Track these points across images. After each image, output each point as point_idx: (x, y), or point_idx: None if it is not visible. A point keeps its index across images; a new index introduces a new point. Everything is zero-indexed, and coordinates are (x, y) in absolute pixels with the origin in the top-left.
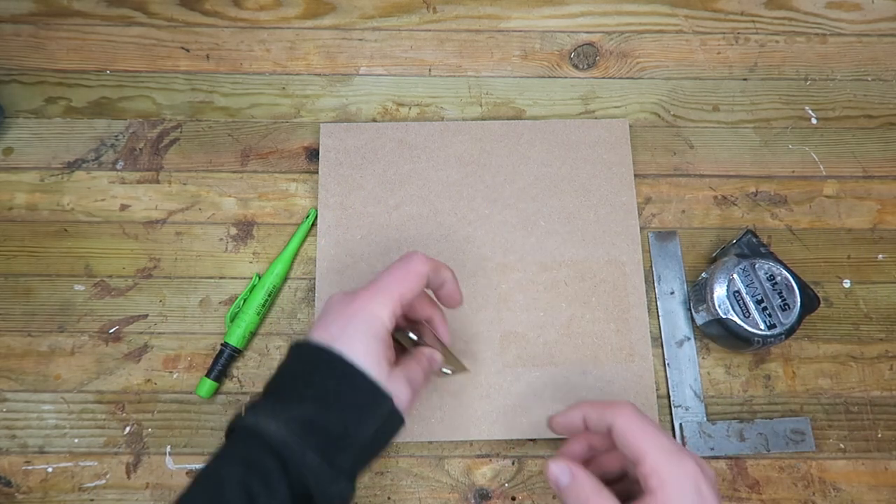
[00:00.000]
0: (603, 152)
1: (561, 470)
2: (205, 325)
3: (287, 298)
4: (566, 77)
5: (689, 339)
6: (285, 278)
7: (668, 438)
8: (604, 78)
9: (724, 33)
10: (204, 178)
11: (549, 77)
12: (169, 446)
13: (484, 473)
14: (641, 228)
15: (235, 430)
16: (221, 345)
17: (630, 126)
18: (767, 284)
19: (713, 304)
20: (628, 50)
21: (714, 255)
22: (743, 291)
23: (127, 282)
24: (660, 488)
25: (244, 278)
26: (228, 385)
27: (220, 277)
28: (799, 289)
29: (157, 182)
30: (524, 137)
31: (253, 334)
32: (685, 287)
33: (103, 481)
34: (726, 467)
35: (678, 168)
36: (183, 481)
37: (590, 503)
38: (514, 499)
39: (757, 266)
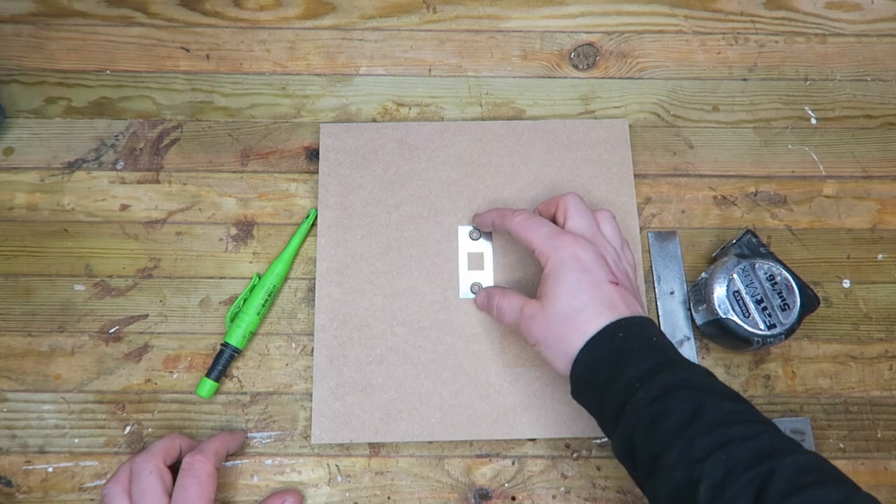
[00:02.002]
0: (603, 152)
1: (481, 296)
2: (205, 325)
3: (287, 298)
4: (566, 77)
5: (689, 339)
6: (285, 278)
7: (549, 227)
8: (604, 78)
9: (724, 33)
10: (204, 178)
11: (549, 77)
12: None
13: (484, 473)
14: (641, 228)
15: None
16: (221, 345)
17: (630, 126)
18: (767, 284)
19: (713, 304)
20: (628, 50)
21: (714, 255)
22: (743, 291)
23: (127, 282)
24: (546, 263)
25: (244, 278)
26: (228, 385)
27: (221, 277)
28: (799, 289)
29: (158, 182)
30: (524, 137)
31: (253, 334)
32: (685, 287)
33: (103, 481)
34: None
35: (678, 168)
36: None
37: (499, 303)
38: (514, 499)
39: (757, 266)
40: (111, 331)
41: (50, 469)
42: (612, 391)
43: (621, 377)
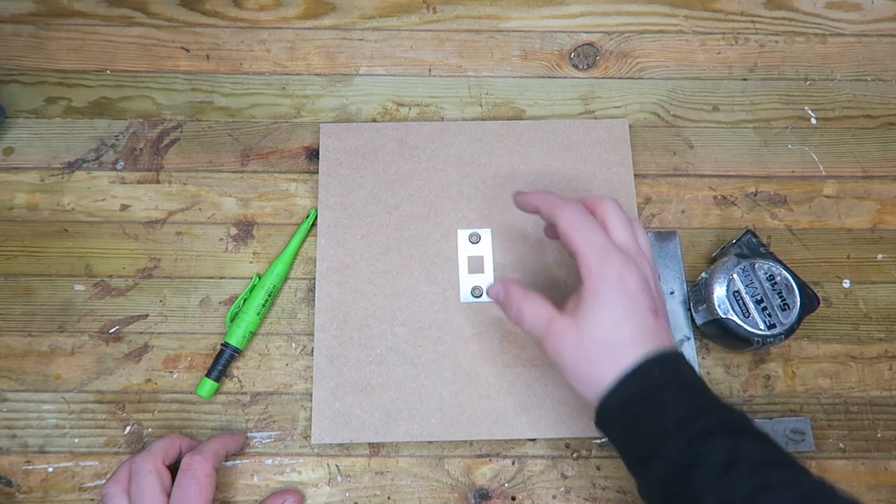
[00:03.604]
0: (603, 152)
1: (497, 289)
2: (205, 325)
3: (287, 298)
4: (566, 77)
5: (688, 338)
6: (285, 278)
7: (602, 236)
8: (604, 78)
9: (724, 33)
10: (204, 178)
11: (549, 77)
12: None
13: (484, 473)
14: None
15: None
16: (221, 345)
17: (630, 126)
18: (767, 284)
19: (713, 304)
20: (628, 50)
21: (714, 255)
22: (743, 291)
23: (127, 282)
24: (588, 278)
25: (244, 278)
26: (228, 385)
27: (220, 277)
28: (799, 289)
29: (158, 182)
30: (524, 137)
31: (253, 334)
32: (685, 287)
33: (103, 481)
34: None
35: (678, 168)
36: None
37: (520, 306)
38: (514, 499)
39: (757, 266)
40: (111, 331)
41: (50, 469)
42: (643, 431)
43: (654, 418)
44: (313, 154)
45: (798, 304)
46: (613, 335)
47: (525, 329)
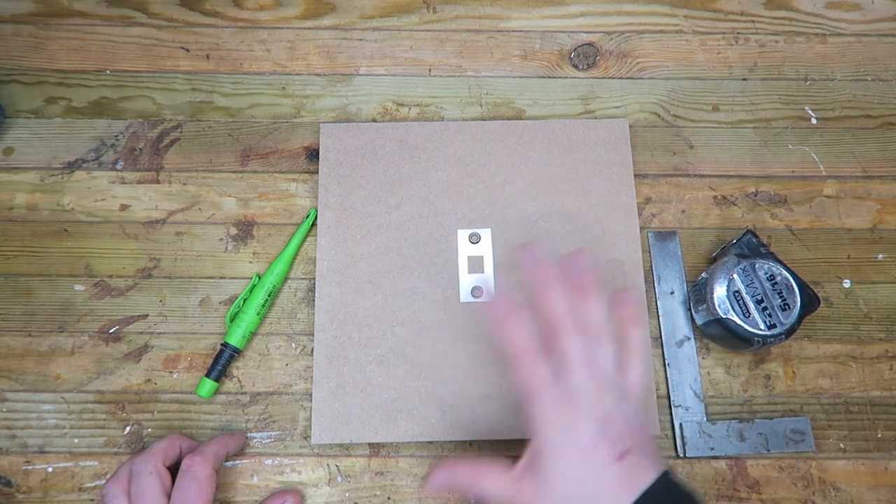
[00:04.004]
0: (603, 152)
1: (441, 476)
2: (205, 325)
3: (287, 298)
4: (566, 77)
5: (689, 339)
6: (285, 278)
7: (553, 381)
8: (604, 78)
9: (724, 33)
10: (204, 178)
11: (549, 77)
12: None
13: None
14: (641, 228)
15: None
16: (221, 345)
17: (630, 126)
18: (767, 284)
19: (713, 304)
20: (628, 50)
21: (714, 255)
22: (743, 291)
23: (127, 282)
24: (535, 436)
25: (244, 278)
26: (228, 385)
27: (220, 277)
28: (799, 289)
29: (157, 182)
30: (524, 137)
31: (253, 334)
32: (685, 287)
33: (103, 481)
34: (726, 467)
35: (678, 168)
36: None
37: (476, 482)
38: None
39: (757, 266)
40: (111, 331)
41: (50, 469)
42: None
43: None
44: (313, 154)
45: (798, 304)
46: (581, 495)
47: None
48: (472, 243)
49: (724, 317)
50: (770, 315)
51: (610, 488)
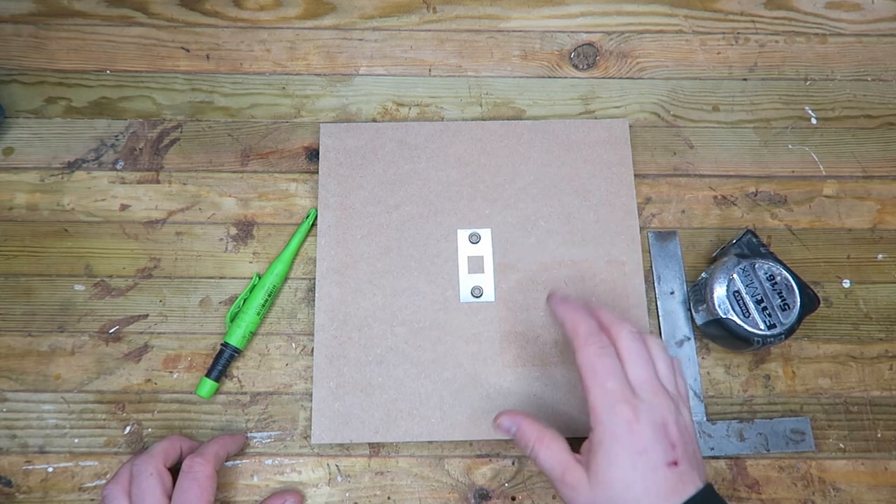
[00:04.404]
0: (603, 152)
1: (508, 423)
2: (205, 325)
3: (287, 298)
4: (566, 77)
5: (689, 339)
6: (285, 278)
7: (616, 380)
8: (604, 78)
9: (724, 33)
10: (204, 178)
11: (549, 77)
12: None
13: (484, 473)
14: (641, 228)
15: None
16: (221, 345)
17: (630, 126)
18: (767, 284)
19: (713, 304)
20: (628, 50)
21: (714, 255)
22: (743, 291)
23: (127, 282)
24: (596, 427)
25: (244, 278)
26: (228, 385)
27: (220, 277)
28: (799, 289)
29: (158, 182)
30: (524, 137)
31: (253, 334)
32: (685, 287)
33: (103, 481)
34: (726, 467)
35: (678, 168)
36: None
37: (535, 448)
38: (514, 499)
39: (757, 266)
40: (111, 331)
41: (50, 469)
42: None
43: None
44: (313, 154)
45: (798, 304)
46: (627, 495)
47: (540, 468)
48: (472, 243)
49: (724, 317)
50: (770, 315)
51: (655, 493)
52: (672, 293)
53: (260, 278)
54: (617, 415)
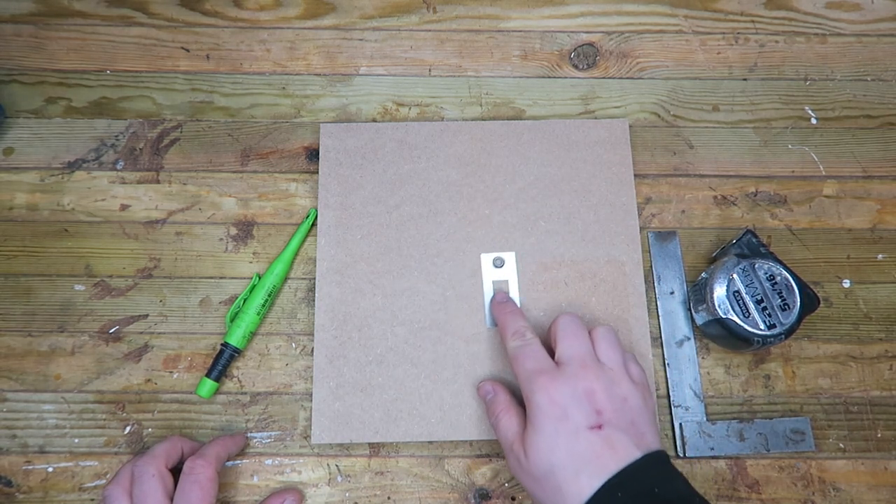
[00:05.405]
0: (603, 152)
1: (489, 389)
2: (205, 325)
3: (287, 298)
4: (566, 77)
5: (688, 339)
6: (285, 278)
7: (534, 361)
8: (604, 78)
9: (724, 33)
10: (204, 178)
11: (549, 77)
12: None
13: (484, 473)
14: (641, 228)
15: None
16: (221, 345)
17: (630, 126)
18: (767, 284)
19: (713, 304)
20: (628, 50)
21: (714, 255)
22: (743, 291)
23: (127, 282)
24: (527, 406)
25: (244, 278)
26: (228, 385)
27: (220, 277)
28: (799, 289)
29: (158, 182)
30: (524, 137)
31: (253, 334)
32: (685, 287)
33: (104, 481)
34: (726, 467)
35: (678, 168)
36: None
37: (499, 416)
38: (513, 499)
39: (757, 266)
40: (111, 331)
41: (50, 469)
42: None
43: None
44: (313, 154)
45: (798, 304)
46: (552, 460)
47: (497, 436)
48: (496, 267)
49: (723, 317)
50: (770, 315)
51: (579, 456)
52: (672, 293)
53: (260, 278)
54: (538, 388)
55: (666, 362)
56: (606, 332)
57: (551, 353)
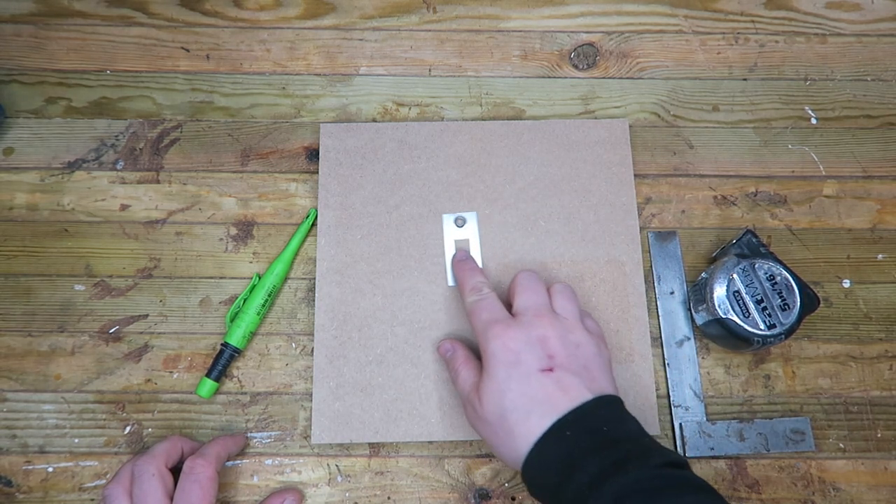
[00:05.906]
0: (603, 152)
1: (447, 347)
2: (205, 325)
3: (287, 298)
4: (566, 77)
5: (688, 339)
6: (285, 278)
7: (489, 312)
8: (604, 78)
9: (724, 33)
10: (204, 178)
11: (549, 77)
12: None
13: (484, 473)
14: (641, 228)
15: None
16: (221, 345)
17: (630, 126)
18: (767, 284)
19: (713, 304)
20: (628, 50)
21: (714, 255)
22: (743, 291)
23: (127, 282)
24: (482, 355)
25: (244, 278)
26: (228, 385)
27: (220, 277)
28: (799, 289)
29: (158, 182)
30: (524, 137)
31: (253, 334)
32: (685, 287)
33: (104, 481)
34: (726, 467)
35: (678, 168)
36: None
37: (458, 370)
38: (513, 499)
39: (757, 266)
40: (111, 331)
41: (50, 469)
42: (563, 499)
43: (571, 485)
44: (313, 154)
45: (798, 304)
46: (505, 403)
47: (455, 388)
48: (458, 227)
49: (723, 317)
50: (770, 315)
51: (531, 397)
52: (672, 293)
53: (260, 278)
54: (493, 336)
55: (666, 362)
56: (564, 287)
57: (510, 309)
